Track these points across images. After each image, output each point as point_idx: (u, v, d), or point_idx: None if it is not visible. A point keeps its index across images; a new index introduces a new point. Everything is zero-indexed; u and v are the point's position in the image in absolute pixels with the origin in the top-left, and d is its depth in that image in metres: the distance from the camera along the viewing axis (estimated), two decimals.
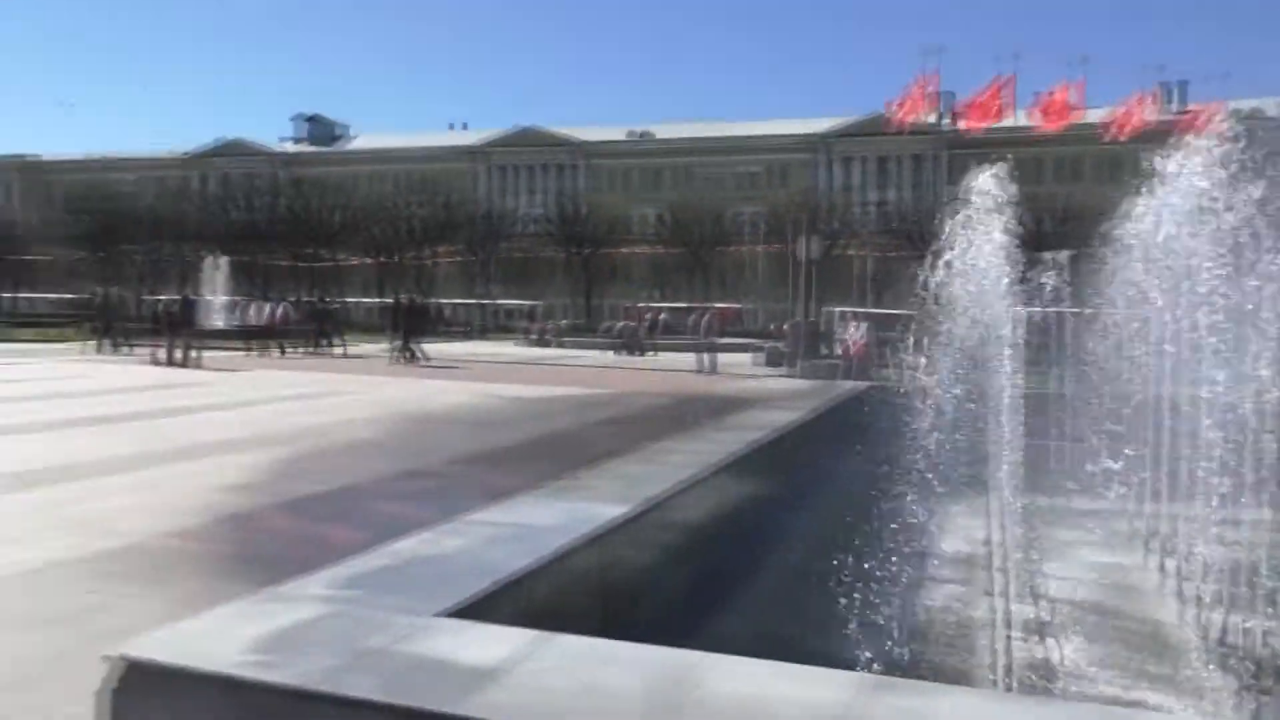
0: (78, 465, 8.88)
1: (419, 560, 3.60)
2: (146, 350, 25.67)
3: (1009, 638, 6.09)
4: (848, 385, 15.98)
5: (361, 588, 3.16)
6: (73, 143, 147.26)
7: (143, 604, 4.90)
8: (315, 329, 30.89)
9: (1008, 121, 29.86)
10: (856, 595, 5.89)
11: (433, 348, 33.74)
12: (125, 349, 28.09)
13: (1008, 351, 7.67)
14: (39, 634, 4.45)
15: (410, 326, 27.31)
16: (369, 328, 40.48)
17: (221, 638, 2.65)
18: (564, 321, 53.26)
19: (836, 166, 73.88)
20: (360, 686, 2.40)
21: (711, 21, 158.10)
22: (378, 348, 29.73)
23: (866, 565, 6.48)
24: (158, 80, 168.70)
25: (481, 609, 3.10)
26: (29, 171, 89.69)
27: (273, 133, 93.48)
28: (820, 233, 40.75)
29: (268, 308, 31.49)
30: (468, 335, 51.46)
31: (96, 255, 67.21)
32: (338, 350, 30.05)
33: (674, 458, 6.65)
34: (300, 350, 29.73)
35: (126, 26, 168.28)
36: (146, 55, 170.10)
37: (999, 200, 7.17)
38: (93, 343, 28.82)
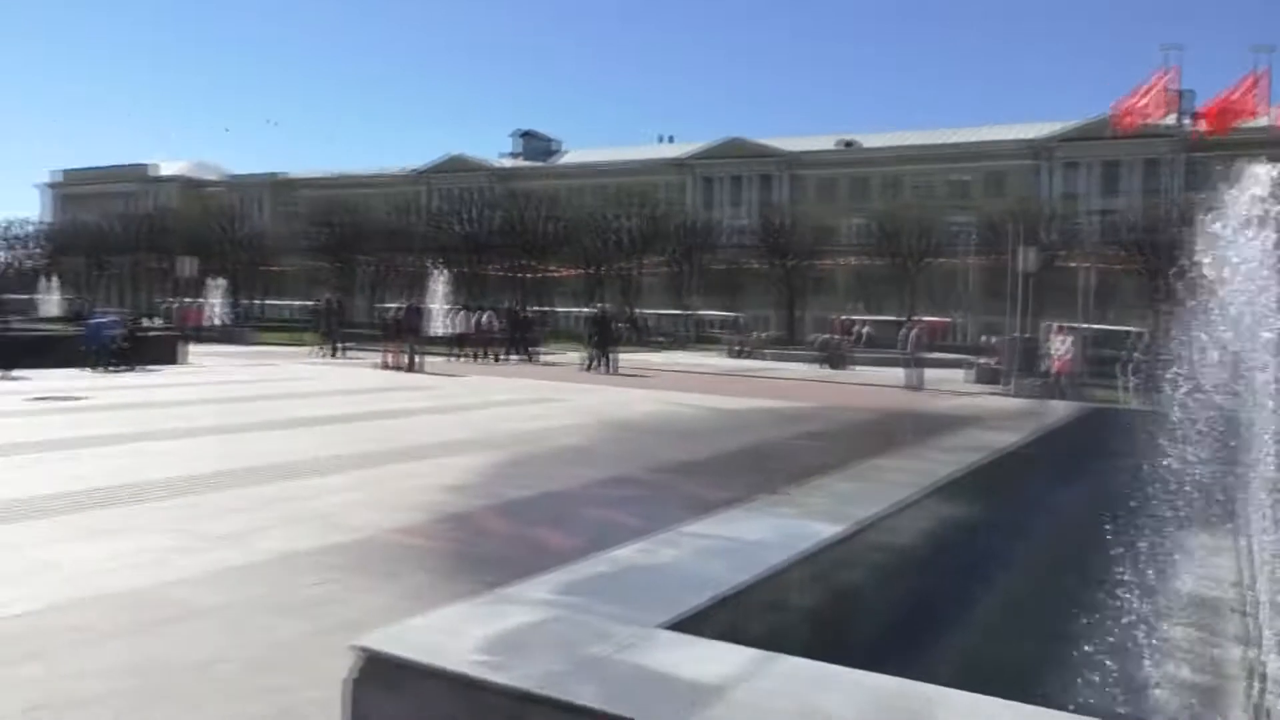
0: (312, 461, 9.54)
1: (636, 569, 3.61)
2: (367, 354, 27.50)
3: (1264, 692, 5.50)
4: (1072, 406, 15.01)
5: (582, 594, 3.19)
6: (317, 161, 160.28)
7: (373, 596, 5.18)
8: (519, 337, 32.11)
9: (1260, 121, 27.28)
10: (1085, 634, 5.48)
11: (636, 357, 34.36)
12: (347, 353, 30.26)
13: (1265, 372, 6.93)
14: (282, 620, 4.77)
15: (603, 336, 27.93)
16: (577, 336, 41.70)
17: (452, 635, 2.73)
18: (765, 333, 53.02)
19: (1058, 173, 69.88)
20: (584, 694, 2.41)
21: (924, 26, 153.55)
22: (580, 356, 30.59)
23: (1096, 602, 6.02)
24: (399, 103, 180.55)
25: (699, 623, 3.06)
26: (279, 188, 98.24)
27: (496, 149, 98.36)
28: (1039, 243, 38.64)
29: (475, 316, 33.01)
30: (670, 345, 52.12)
31: (334, 265, 72.75)
32: (538, 358, 31.17)
33: (886, 476, 6.41)
34: (505, 357, 31.00)
35: (372, 56, 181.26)
36: (391, 80, 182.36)
37: (1265, 203, 6.50)
38: (324, 347, 31.17)
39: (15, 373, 18.54)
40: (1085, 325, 31.19)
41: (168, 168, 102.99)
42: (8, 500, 7.21)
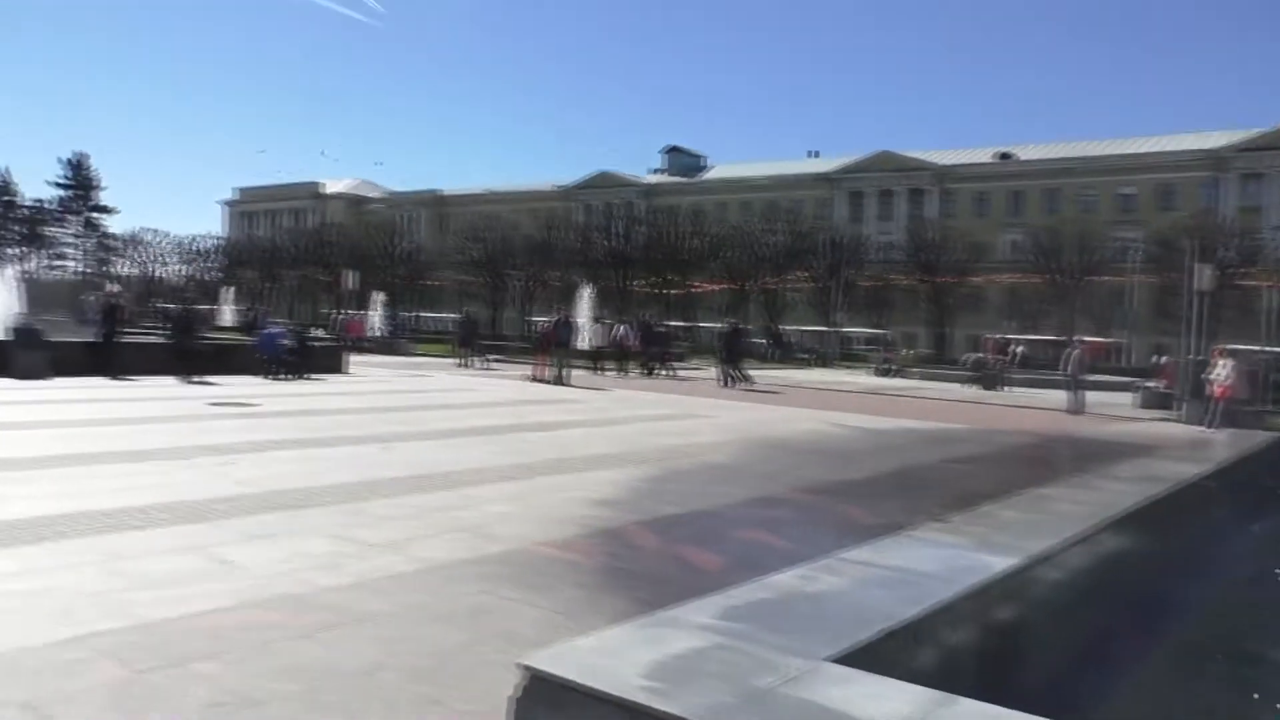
0: (466, 472, 9.73)
1: (800, 597, 3.49)
2: (516, 367, 28.11)
3: None
4: (1258, 435, 13.95)
5: (745, 621, 3.10)
6: (473, 178, 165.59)
7: (528, 609, 5.21)
8: (653, 350, 32.35)
9: None
10: (1274, 687, 5.02)
11: (779, 374, 33.98)
12: (489, 365, 31.17)
13: None
14: (440, 629, 4.85)
15: (732, 351, 27.81)
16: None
17: (616, 658, 2.69)
18: (912, 351, 51.64)
19: (1235, 185, 65.53)
20: None
21: (1086, 33, 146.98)
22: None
23: None
24: (552, 121, 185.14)
25: (867, 656, 2.92)
26: (433, 205, 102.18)
27: (645, 165, 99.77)
28: (1216, 260, 36.29)
29: (611, 329, 33.46)
30: (814, 362, 51.36)
31: (485, 279, 75.01)
32: (672, 372, 31.29)
33: (1056, 506, 6.06)
34: (643, 371, 31.27)
35: (527, 76, 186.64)
36: (544, 98, 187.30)
37: None
38: (463, 359, 32.35)
39: (195, 378, 19.82)
40: (1267, 348, 29.07)
41: (333, 186, 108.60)
42: (186, 502, 7.63)
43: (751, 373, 27.45)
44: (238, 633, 4.66)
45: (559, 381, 24.56)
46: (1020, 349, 41.39)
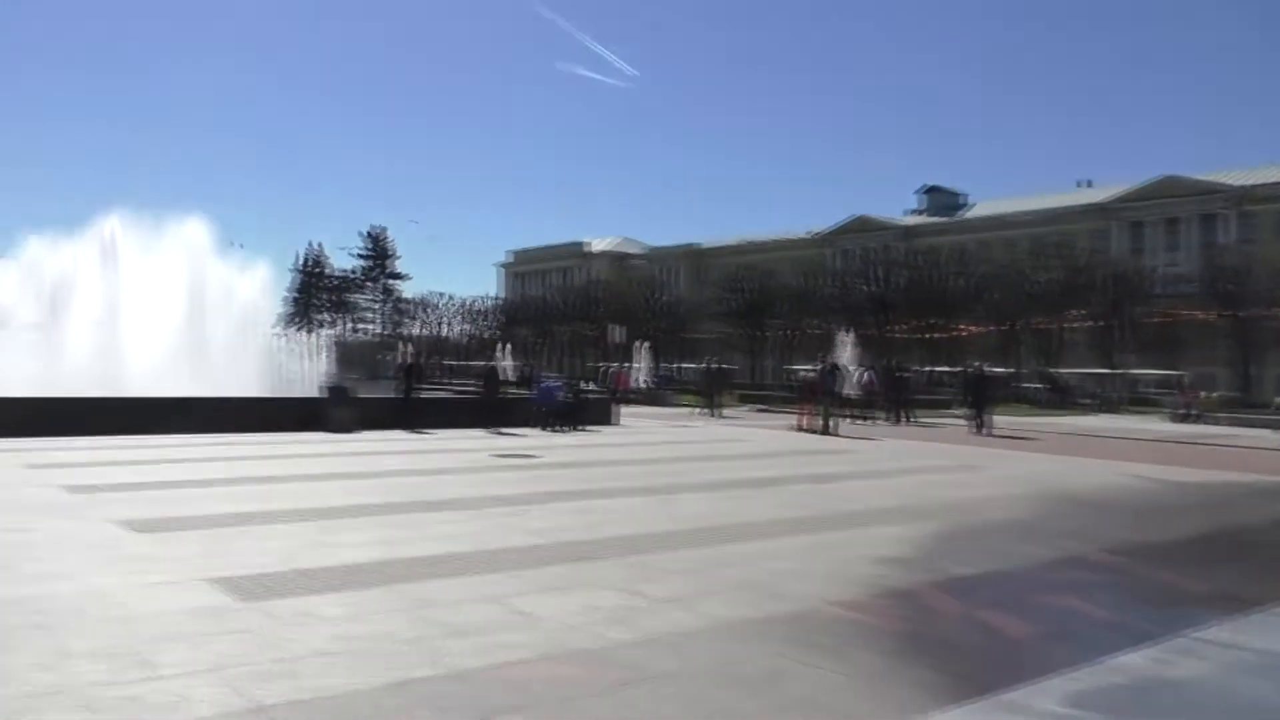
0: (743, 526, 9.61)
1: (1159, 684, 3.08)
2: (768, 416, 27.92)
3: None
4: None
5: (1102, 711, 2.75)
6: (730, 229, 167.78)
7: (826, 675, 4.98)
8: (896, 396, 31.34)
9: None
10: None
11: (1060, 420, 31.67)
12: (722, 414, 32.01)
13: None
14: (736, 692, 4.71)
15: (978, 396, 26.56)
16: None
17: None
18: (1214, 394, 46.72)
19: None
20: None
21: None
22: (1009, 420, 28.76)
23: None
24: (804, 167, 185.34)
25: None
26: (691, 258, 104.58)
27: (900, 206, 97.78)
28: None
29: (858, 375, 32.72)
30: (1098, 408, 47.63)
31: (743, 330, 75.60)
32: (912, 418, 30.22)
33: None
34: (891, 418, 30.32)
35: (775, 125, 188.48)
36: (794, 145, 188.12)
37: None
38: (706, 409, 32.95)
39: (487, 430, 21.16)
40: None
41: (598, 244, 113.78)
42: (482, 551, 7.99)
43: (1019, 419, 25.92)
44: (541, 686, 4.74)
45: (826, 431, 24.12)
46: None
